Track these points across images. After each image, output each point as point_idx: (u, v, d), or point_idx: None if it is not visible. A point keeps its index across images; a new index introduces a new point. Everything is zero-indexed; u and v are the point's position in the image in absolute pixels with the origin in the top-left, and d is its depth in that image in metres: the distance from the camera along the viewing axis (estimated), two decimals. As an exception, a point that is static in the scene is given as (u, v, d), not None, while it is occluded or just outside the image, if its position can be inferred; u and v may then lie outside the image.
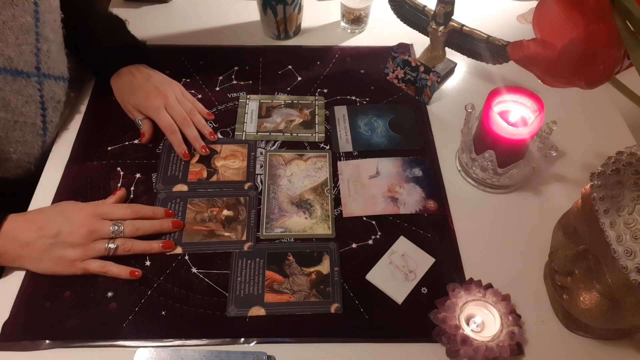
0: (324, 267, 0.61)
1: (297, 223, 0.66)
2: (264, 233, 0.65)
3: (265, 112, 0.78)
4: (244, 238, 0.64)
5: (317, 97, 0.80)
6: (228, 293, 0.59)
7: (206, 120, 0.75)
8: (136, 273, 0.59)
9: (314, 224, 0.66)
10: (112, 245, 0.60)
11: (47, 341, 0.55)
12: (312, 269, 0.61)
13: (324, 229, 0.65)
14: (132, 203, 0.67)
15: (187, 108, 0.74)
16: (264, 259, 0.62)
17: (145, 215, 0.64)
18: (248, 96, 0.80)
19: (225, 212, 0.66)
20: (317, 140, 0.75)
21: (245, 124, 0.76)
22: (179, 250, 0.62)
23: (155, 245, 0.62)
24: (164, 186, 0.69)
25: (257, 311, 0.58)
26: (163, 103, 0.72)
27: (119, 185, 0.68)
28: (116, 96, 0.75)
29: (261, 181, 0.70)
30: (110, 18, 0.78)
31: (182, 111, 0.73)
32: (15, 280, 0.60)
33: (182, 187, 0.69)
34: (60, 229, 0.58)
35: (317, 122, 0.77)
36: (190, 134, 0.72)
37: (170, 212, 0.65)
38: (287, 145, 0.74)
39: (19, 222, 0.59)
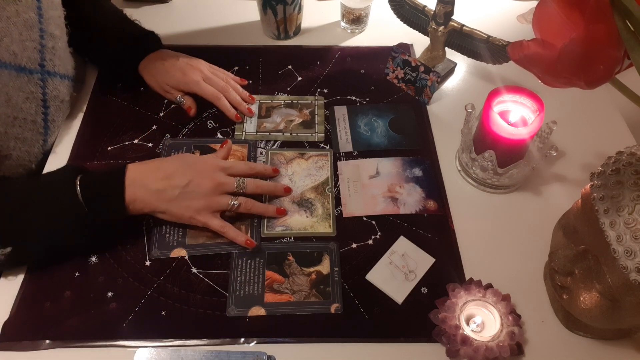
0: (324, 267, 0.61)
1: (299, 221, 0.66)
2: (265, 231, 0.65)
3: (265, 112, 0.78)
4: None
5: (316, 97, 0.80)
6: (228, 293, 0.59)
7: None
8: (249, 242, 0.61)
9: (315, 223, 0.66)
10: (235, 202, 0.62)
11: (47, 341, 0.55)
12: (312, 269, 0.61)
13: (325, 227, 0.65)
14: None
15: (222, 77, 0.79)
16: (264, 259, 0.62)
17: (259, 172, 0.68)
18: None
19: (228, 213, 0.66)
20: (316, 140, 0.75)
21: (245, 124, 0.76)
22: (183, 252, 0.62)
23: (271, 209, 0.65)
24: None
25: (257, 311, 0.58)
26: (201, 76, 0.76)
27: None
28: (149, 82, 0.78)
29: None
30: (117, 11, 0.80)
31: (220, 80, 0.77)
32: (15, 280, 0.60)
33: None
34: (190, 179, 0.60)
35: (316, 122, 0.77)
36: (233, 98, 0.77)
37: (277, 169, 0.70)
38: (287, 145, 0.74)
39: (144, 171, 0.60)
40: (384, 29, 0.91)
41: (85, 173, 0.59)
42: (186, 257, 0.62)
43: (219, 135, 0.75)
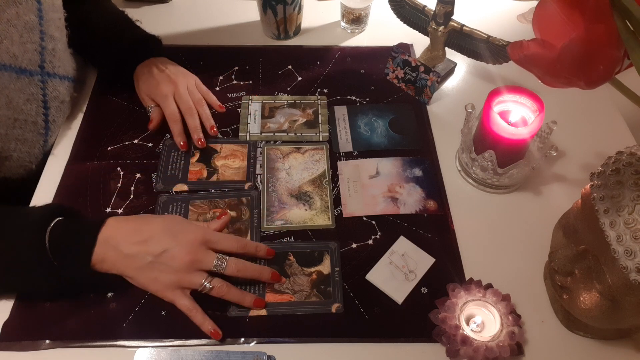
0: (325, 267, 0.61)
1: (298, 215, 0.66)
2: (264, 226, 0.65)
3: (268, 113, 0.78)
4: (248, 238, 0.64)
5: (319, 97, 0.80)
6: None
7: (217, 112, 0.76)
8: (214, 333, 0.55)
9: (314, 215, 0.66)
10: (208, 285, 0.56)
11: (47, 341, 0.55)
12: (312, 269, 0.61)
13: (324, 220, 0.65)
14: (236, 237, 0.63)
15: (195, 98, 0.75)
16: (264, 260, 0.62)
17: (249, 252, 0.60)
18: (250, 97, 0.80)
19: (229, 213, 0.66)
20: (320, 139, 0.75)
21: (248, 124, 0.76)
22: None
23: (247, 299, 0.57)
24: (163, 186, 0.69)
25: (258, 311, 0.58)
26: (172, 91, 0.73)
27: (119, 185, 0.68)
28: (135, 86, 0.77)
29: (261, 180, 0.70)
30: (119, 13, 0.80)
31: (189, 101, 0.73)
32: (15, 280, 0.59)
33: (182, 187, 0.69)
34: (165, 248, 0.55)
35: (320, 121, 0.77)
36: (191, 123, 0.72)
37: (272, 251, 0.62)
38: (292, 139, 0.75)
39: (121, 230, 0.56)
40: (384, 29, 0.91)
41: (64, 217, 0.56)
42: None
43: (219, 135, 0.75)
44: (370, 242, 0.64)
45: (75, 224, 0.57)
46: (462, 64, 0.85)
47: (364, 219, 0.66)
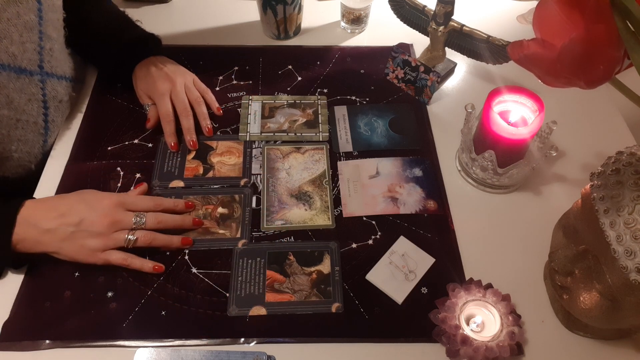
0: (325, 266, 0.61)
1: (298, 215, 0.66)
2: (264, 226, 0.65)
3: (268, 113, 0.78)
4: (239, 235, 0.64)
5: (319, 97, 0.80)
6: (229, 293, 0.59)
7: (214, 115, 0.76)
8: (156, 267, 0.59)
9: (314, 215, 0.66)
10: (131, 237, 0.59)
11: (47, 341, 0.55)
12: (312, 269, 0.61)
13: (324, 219, 0.65)
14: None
15: (193, 96, 0.75)
16: (264, 259, 0.62)
17: (167, 208, 0.64)
18: (250, 97, 0.80)
19: (220, 210, 0.66)
20: (320, 139, 0.75)
21: (248, 124, 0.76)
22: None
23: (175, 240, 0.61)
24: (160, 182, 0.69)
25: (258, 311, 0.58)
26: (169, 89, 0.73)
27: (119, 185, 0.68)
28: (134, 85, 0.77)
29: (261, 180, 0.70)
30: (119, 13, 0.80)
31: (185, 100, 0.73)
32: (15, 280, 0.59)
33: (178, 183, 0.69)
34: (83, 217, 0.58)
35: (320, 121, 0.77)
36: (185, 124, 0.72)
37: (190, 204, 0.65)
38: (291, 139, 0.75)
39: (38, 209, 0.58)
40: (384, 29, 0.91)
41: None
42: (186, 257, 0.62)
43: (219, 133, 0.75)
44: (370, 242, 0.64)
45: None
46: (462, 64, 0.85)
47: (364, 219, 0.66)
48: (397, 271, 0.61)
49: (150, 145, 0.73)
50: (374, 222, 0.66)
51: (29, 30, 0.63)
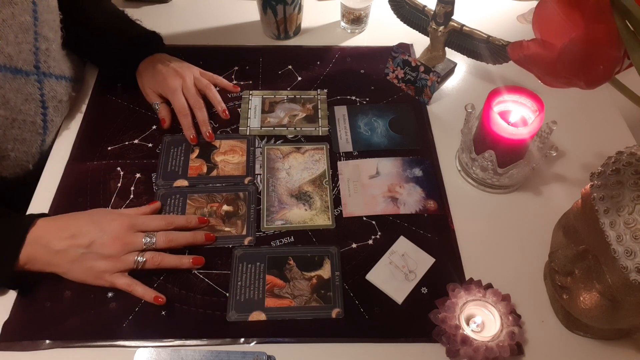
0: (325, 271, 0.61)
1: (298, 215, 0.66)
2: (264, 226, 0.65)
3: (268, 108, 0.78)
4: (244, 233, 0.64)
5: (319, 92, 0.80)
6: (228, 297, 0.59)
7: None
8: (160, 299, 0.57)
9: (314, 215, 0.66)
10: (141, 259, 0.58)
11: (47, 341, 0.55)
12: (313, 274, 0.61)
13: (324, 220, 0.65)
14: (165, 214, 0.65)
15: (202, 85, 0.76)
16: (264, 263, 0.62)
17: (179, 226, 0.62)
18: (251, 92, 0.80)
19: (225, 208, 0.66)
20: (320, 134, 0.75)
21: (249, 119, 0.76)
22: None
23: (185, 261, 0.60)
24: (164, 182, 0.69)
25: (258, 316, 0.58)
26: (180, 84, 0.74)
27: (119, 185, 0.68)
28: (139, 84, 0.77)
29: (261, 180, 0.70)
30: (118, 12, 0.80)
31: (197, 94, 0.74)
32: (15, 280, 0.60)
33: (182, 182, 0.69)
34: (94, 239, 0.57)
35: (320, 116, 0.77)
36: (199, 116, 0.73)
37: (205, 219, 0.64)
38: (292, 140, 0.75)
39: (50, 228, 0.57)
40: (384, 29, 0.91)
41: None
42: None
43: (219, 133, 0.75)
44: (370, 242, 0.64)
45: (5, 223, 0.58)
46: (462, 64, 0.85)
47: (364, 219, 0.66)
48: (397, 271, 0.61)
49: (150, 145, 0.73)
50: (374, 222, 0.66)
51: (24, 31, 0.63)
